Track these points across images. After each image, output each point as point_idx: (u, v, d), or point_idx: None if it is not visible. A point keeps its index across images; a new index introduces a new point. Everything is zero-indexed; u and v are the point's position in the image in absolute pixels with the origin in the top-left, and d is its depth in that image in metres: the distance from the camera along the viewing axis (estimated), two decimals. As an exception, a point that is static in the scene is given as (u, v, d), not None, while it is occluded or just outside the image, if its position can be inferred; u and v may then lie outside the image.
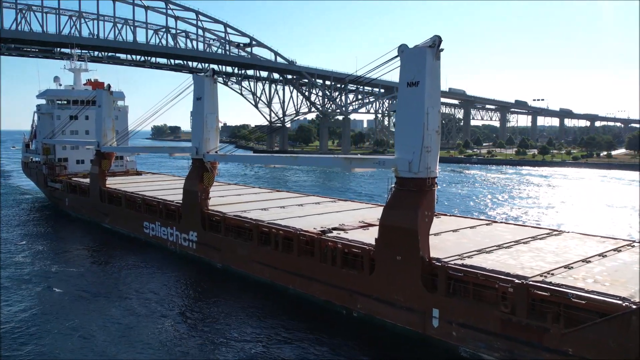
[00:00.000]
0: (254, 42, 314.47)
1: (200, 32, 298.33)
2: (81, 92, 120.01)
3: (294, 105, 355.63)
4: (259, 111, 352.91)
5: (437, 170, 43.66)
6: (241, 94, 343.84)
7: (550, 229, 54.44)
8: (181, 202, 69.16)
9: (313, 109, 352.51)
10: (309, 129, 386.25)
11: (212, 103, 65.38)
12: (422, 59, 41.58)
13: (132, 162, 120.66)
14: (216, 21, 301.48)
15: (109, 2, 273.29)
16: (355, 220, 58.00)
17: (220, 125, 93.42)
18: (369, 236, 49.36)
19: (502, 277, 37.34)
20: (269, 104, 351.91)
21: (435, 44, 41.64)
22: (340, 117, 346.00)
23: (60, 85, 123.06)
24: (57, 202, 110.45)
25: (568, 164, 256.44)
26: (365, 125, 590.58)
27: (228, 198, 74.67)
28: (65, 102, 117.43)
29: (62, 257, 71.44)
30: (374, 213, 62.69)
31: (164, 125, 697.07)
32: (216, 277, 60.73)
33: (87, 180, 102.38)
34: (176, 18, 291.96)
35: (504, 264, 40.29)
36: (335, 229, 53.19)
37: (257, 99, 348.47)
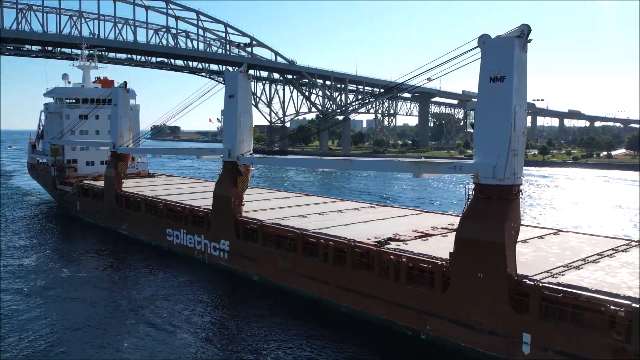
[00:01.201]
0: (254, 42, 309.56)
1: (200, 32, 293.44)
2: (92, 90, 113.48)
3: (294, 105, 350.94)
4: (259, 111, 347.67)
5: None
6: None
7: (628, 240, 48.85)
8: (210, 208, 63.07)
9: (313, 109, 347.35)
10: (309, 129, 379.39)
11: (246, 101, 59.47)
12: (508, 50, 35.98)
13: (143, 164, 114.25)
14: (217, 21, 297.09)
15: (110, 2, 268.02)
16: (407, 229, 52.30)
17: (220, 125, 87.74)
18: (432, 248, 43.86)
19: (611, 299, 31.89)
20: (269, 104, 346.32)
21: (523, 33, 36.04)
22: (340, 117, 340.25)
23: (69, 83, 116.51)
24: (67, 206, 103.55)
25: (568, 164, 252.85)
26: (364, 125, 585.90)
27: (257, 203, 68.30)
28: (73, 100, 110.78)
29: (76, 265, 65.48)
30: (424, 221, 57.48)
31: (163, 125, 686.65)
32: (253, 291, 54.60)
33: (100, 183, 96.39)
34: (176, 18, 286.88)
35: (603, 283, 34.78)
36: (391, 239, 47.36)
37: (258, 99, 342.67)
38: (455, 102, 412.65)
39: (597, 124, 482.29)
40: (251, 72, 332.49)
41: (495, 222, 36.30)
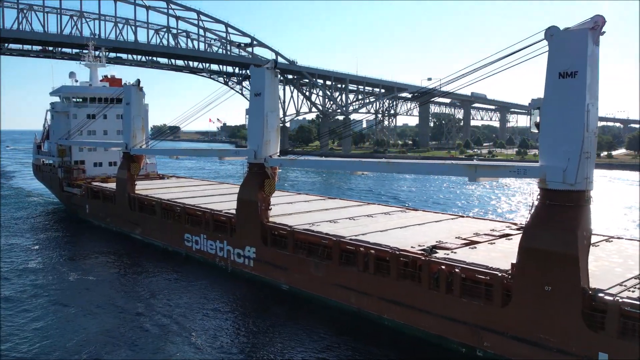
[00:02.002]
0: (255, 42, 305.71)
1: (201, 32, 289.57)
2: (100, 89, 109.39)
3: (295, 105, 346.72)
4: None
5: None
6: (242, 94, 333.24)
7: None
8: (234, 212, 59.14)
9: (314, 109, 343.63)
10: (309, 129, 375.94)
11: (273, 99, 55.67)
12: (581, 43, 32.50)
13: (152, 165, 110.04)
14: (217, 21, 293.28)
15: (110, 2, 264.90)
16: (449, 235, 48.71)
17: (220, 125, 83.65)
18: (484, 258, 40.31)
19: None
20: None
21: (597, 25, 32.50)
22: (341, 117, 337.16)
23: (77, 81, 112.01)
24: (75, 208, 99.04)
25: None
26: (364, 125, 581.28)
27: (280, 207, 64.13)
28: (80, 99, 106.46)
29: (90, 272, 61.65)
30: (463, 226, 53.85)
31: (163, 125, 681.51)
32: (284, 301, 50.70)
33: (110, 185, 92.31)
34: (177, 18, 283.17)
35: None
36: (436, 247, 43.78)
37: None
38: (456, 102, 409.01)
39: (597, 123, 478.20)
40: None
41: (566, 231, 32.83)
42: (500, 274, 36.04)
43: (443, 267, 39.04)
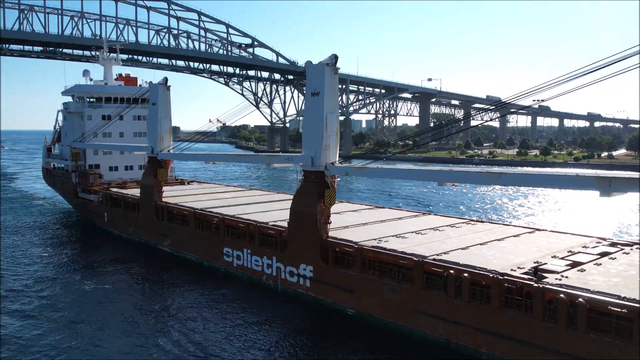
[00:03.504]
0: (255, 43, 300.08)
1: (202, 32, 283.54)
2: (117, 88, 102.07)
3: (295, 106, 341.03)
4: (260, 111, 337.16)
5: None
6: (242, 95, 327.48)
7: None
8: (285, 225, 52.64)
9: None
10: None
11: (333, 99, 48.86)
12: None
13: (171, 169, 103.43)
14: (218, 22, 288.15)
15: (111, 3, 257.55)
16: (542, 253, 42.61)
17: (220, 125, 76.66)
18: (605, 284, 34.26)
19: None
20: (270, 105, 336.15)
21: None
22: (342, 118, 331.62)
23: (91, 80, 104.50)
24: (91, 216, 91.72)
25: (570, 164, 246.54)
26: (364, 125, 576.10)
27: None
28: (94, 99, 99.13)
29: (112, 286, 55.76)
30: (550, 242, 47.46)
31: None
32: (352, 329, 44.22)
33: (130, 191, 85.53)
34: (178, 19, 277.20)
35: None
36: (540, 270, 37.70)
37: (258, 100, 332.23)
38: (456, 102, 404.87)
39: (597, 124, 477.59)
40: (252, 72, 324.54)
41: None
42: None
43: (562, 295, 33.09)
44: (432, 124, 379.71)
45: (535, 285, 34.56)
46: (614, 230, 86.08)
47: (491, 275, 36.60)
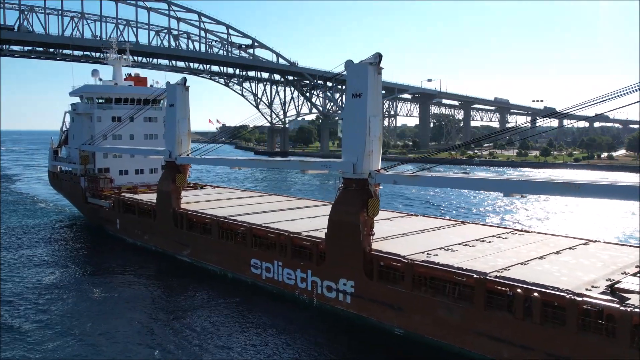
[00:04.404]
0: (256, 44, 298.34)
1: (202, 33, 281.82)
2: (128, 88, 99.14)
3: (295, 107, 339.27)
4: (260, 112, 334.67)
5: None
6: (242, 95, 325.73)
7: None
8: (323, 237, 49.51)
9: (314, 110, 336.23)
10: (310, 130, 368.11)
11: (377, 101, 45.70)
12: None
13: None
14: (218, 22, 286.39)
15: (112, 3, 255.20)
16: (611, 269, 39.99)
17: (219, 125, 73.91)
18: None
19: None
20: (269, 105, 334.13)
21: None
22: (341, 118, 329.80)
23: (101, 80, 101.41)
24: (102, 223, 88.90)
25: (570, 165, 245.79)
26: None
27: None
28: (103, 100, 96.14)
29: (128, 299, 53.39)
30: (611, 255, 44.82)
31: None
32: (400, 350, 41.80)
33: (144, 196, 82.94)
34: (178, 19, 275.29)
35: None
36: (616, 289, 34.85)
37: (258, 100, 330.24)
38: (456, 103, 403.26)
39: (596, 124, 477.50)
40: (252, 73, 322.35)
41: None
42: None
43: None
44: (431, 124, 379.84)
45: (622, 309, 31.90)
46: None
47: (567, 296, 33.79)
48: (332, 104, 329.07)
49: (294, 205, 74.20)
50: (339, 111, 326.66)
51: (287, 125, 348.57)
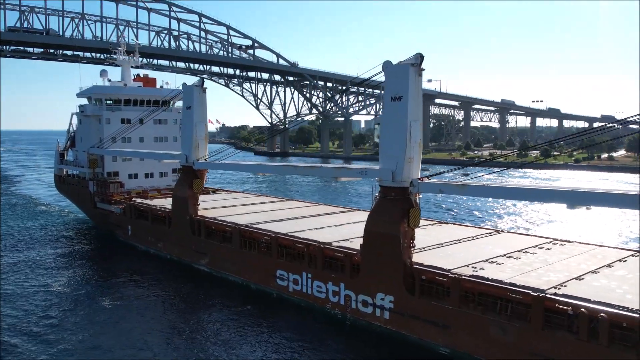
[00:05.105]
0: (256, 45, 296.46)
1: (202, 34, 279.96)
2: (137, 89, 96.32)
3: (295, 107, 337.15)
4: (260, 113, 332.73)
5: None
6: (242, 96, 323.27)
7: None
8: (359, 248, 46.66)
9: (314, 111, 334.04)
10: (310, 130, 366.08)
11: (417, 104, 42.87)
12: None
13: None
14: (219, 23, 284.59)
15: (112, 4, 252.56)
16: None
17: (219, 126, 71.40)
18: None
19: None
20: (270, 106, 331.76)
21: None
22: (341, 119, 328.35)
23: (109, 81, 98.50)
24: (112, 229, 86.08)
25: (571, 166, 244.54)
26: (362, 125, 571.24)
27: None
28: (111, 101, 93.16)
29: (147, 309, 51.19)
30: None
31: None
32: None
33: (157, 202, 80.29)
34: (179, 20, 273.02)
35: None
36: None
37: (259, 101, 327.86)
38: (456, 103, 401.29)
39: (596, 124, 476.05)
40: (252, 73, 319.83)
41: None
42: None
43: None
44: (431, 125, 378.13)
45: None
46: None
47: (638, 317, 31.45)
48: (332, 104, 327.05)
49: (314, 211, 71.30)
50: (339, 112, 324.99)
51: (287, 126, 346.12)
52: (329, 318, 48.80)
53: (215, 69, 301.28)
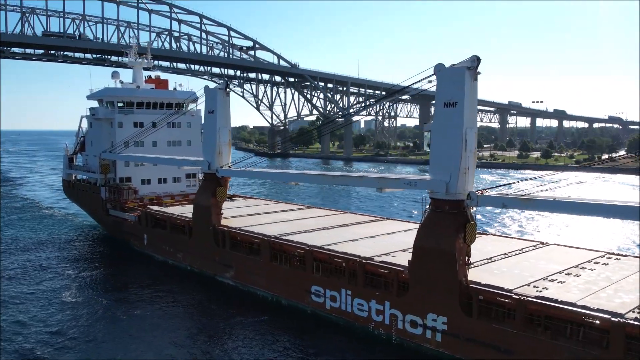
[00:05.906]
0: (257, 46, 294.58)
1: (203, 35, 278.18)
2: (150, 91, 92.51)
3: (296, 108, 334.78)
4: (261, 113, 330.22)
5: None
6: (243, 97, 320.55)
7: None
8: (407, 264, 42.99)
9: (314, 111, 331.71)
10: (310, 131, 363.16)
11: (473, 111, 39.51)
12: None
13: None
14: (220, 24, 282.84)
15: (113, 5, 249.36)
16: None
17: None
18: None
19: None
20: (270, 107, 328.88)
21: None
22: (341, 119, 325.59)
23: (122, 82, 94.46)
24: (125, 237, 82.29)
25: (571, 167, 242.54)
26: (362, 125, 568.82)
27: None
28: (123, 104, 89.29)
29: (170, 325, 48.60)
30: None
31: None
32: None
33: (173, 210, 76.73)
34: (180, 21, 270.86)
35: None
36: None
37: (259, 102, 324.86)
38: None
39: (596, 125, 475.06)
40: (252, 74, 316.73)
41: None
42: None
43: None
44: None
45: None
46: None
47: None
48: (332, 105, 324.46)
49: (342, 220, 67.73)
50: (339, 112, 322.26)
51: (287, 127, 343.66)
52: (372, 338, 45.72)
53: (215, 70, 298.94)
